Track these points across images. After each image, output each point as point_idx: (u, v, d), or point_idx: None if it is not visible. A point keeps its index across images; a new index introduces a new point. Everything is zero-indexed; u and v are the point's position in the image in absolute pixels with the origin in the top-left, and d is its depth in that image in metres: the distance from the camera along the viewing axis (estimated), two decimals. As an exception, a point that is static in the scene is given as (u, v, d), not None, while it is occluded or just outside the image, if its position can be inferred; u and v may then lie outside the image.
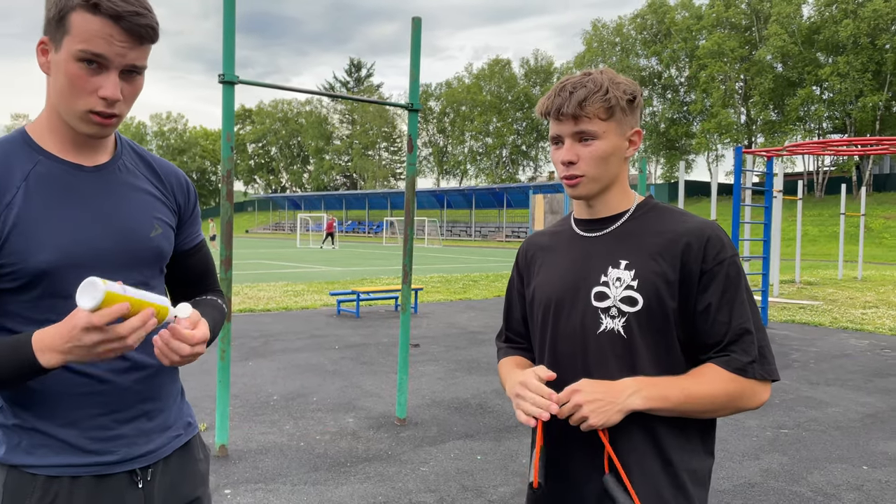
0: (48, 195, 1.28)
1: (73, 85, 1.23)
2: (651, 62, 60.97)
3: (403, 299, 5.40)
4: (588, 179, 1.46)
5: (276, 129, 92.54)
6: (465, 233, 59.55)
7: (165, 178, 1.49)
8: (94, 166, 1.35)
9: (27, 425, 1.30)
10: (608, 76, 1.43)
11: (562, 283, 1.52)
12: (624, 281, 1.43)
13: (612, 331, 1.43)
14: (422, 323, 10.37)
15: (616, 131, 1.43)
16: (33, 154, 1.30)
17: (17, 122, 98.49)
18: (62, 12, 1.21)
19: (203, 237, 1.60)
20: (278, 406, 5.64)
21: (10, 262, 1.23)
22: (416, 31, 5.15)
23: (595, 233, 1.52)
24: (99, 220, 1.32)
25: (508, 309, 1.75)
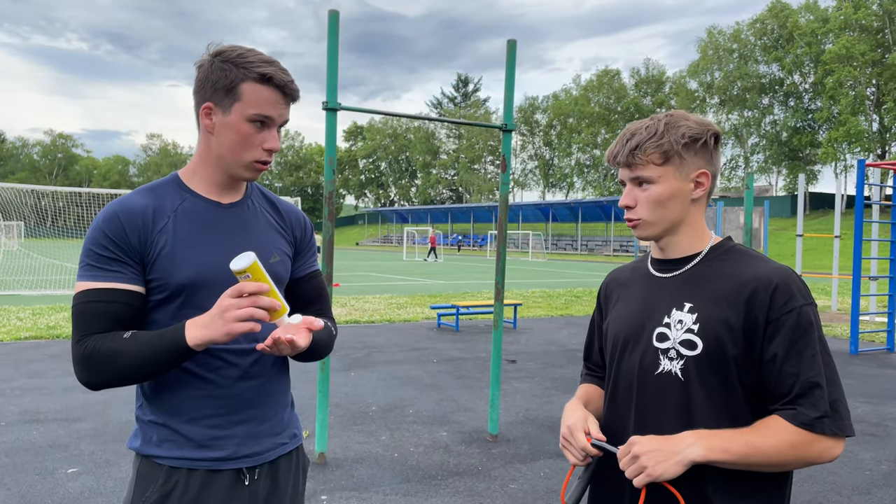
0: (191, 225, 1.55)
1: (244, 141, 1.52)
2: (772, 68, 58.05)
3: (496, 316, 5.47)
4: (645, 223, 1.49)
5: (386, 145, 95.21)
6: (571, 246, 58.75)
7: (286, 215, 1.74)
8: (228, 203, 1.62)
9: (159, 421, 1.55)
10: (670, 120, 1.45)
11: (630, 320, 1.55)
12: (685, 324, 1.43)
13: (670, 373, 1.44)
14: (520, 339, 10.38)
15: (675, 175, 1.45)
16: (182, 192, 1.59)
17: (151, 140, 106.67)
18: (233, 83, 1.49)
19: (318, 268, 1.82)
20: (376, 416, 5.85)
21: (159, 277, 1.50)
22: (511, 53, 5.24)
23: (666, 273, 1.54)
24: (229, 246, 1.57)
25: (590, 339, 1.80)
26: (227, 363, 1.55)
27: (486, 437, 5.34)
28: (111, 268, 1.47)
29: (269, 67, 1.49)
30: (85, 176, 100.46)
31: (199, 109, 1.53)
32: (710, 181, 1.48)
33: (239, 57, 1.49)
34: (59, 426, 5.39)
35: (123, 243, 1.48)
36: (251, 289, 1.34)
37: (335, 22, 4.60)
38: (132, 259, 1.49)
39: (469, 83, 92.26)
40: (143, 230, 1.50)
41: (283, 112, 1.53)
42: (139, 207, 1.52)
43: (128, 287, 1.48)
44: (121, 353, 1.41)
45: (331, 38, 4.59)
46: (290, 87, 1.52)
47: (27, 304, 13.42)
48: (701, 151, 1.46)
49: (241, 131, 1.50)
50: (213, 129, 1.53)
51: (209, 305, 1.50)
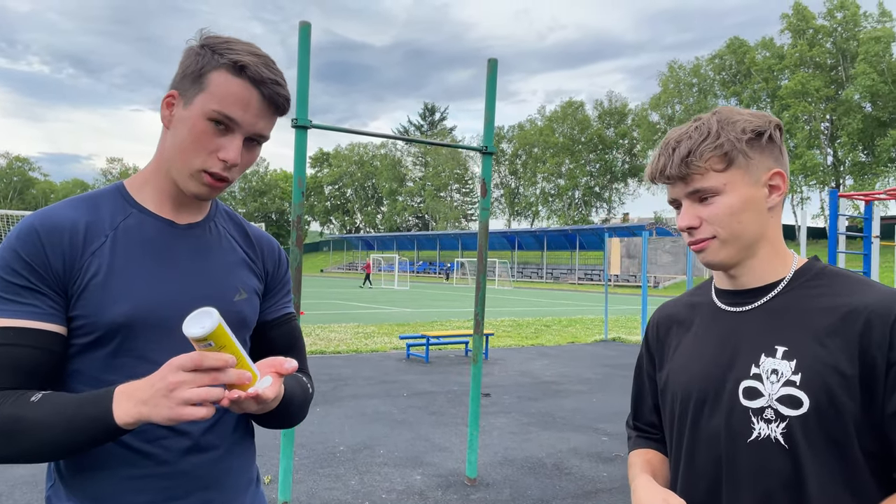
0: (134, 248, 1.21)
1: (196, 141, 1.17)
2: (730, 103, 59.52)
3: (475, 349, 5.14)
4: (720, 241, 1.17)
5: (352, 172, 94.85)
6: (537, 274, 58.86)
7: (257, 243, 1.40)
8: (185, 224, 1.28)
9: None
10: (721, 116, 1.17)
11: (702, 372, 1.22)
12: (782, 374, 1.11)
13: (769, 439, 1.12)
14: (493, 370, 10.05)
15: (744, 180, 1.15)
16: (126, 206, 1.24)
17: (112, 165, 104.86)
18: (203, 69, 1.16)
19: (293, 310, 1.45)
20: (344, 458, 5.43)
21: (86, 314, 1.14)
22: (491, 73, 5.00)
23: (741, 307, 1.21)
24: (181, 278, 1.23)
25: (638, 395, 1.47)
26: (172, 431, 1.18)
27: (464, 480, 4.96)
28: (22, 299, 1.10)
29: (248, 57, 1.15)
30: (41, 200, 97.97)
31: (163, 99, 1.20)
32: (787, 180, 1.19)
33: (223, 43, 1.17)
34: (-9, 472, 4.87)
35: (42, 268, 1.12)
36: (212, 363, 0.98)
37: (306, 35, 4.31)
38: (52, 289, 1.12)
39: (436, 112, 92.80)
40: (71, 252, 1.14)
41: (258, 120, 1.18)
42: (67, 222, 1.16)
43: (42, 326, 1.10)
44: (24, 423, 1.03)
45: (301, 51, 4.29)
46: (272, 87, 1.16)
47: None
48: (768, 147, 1.17)
49: (195, 128, 1.15)
50: (170, 122, 1.20)
51: (150, 354, 1.15)
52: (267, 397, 1.06)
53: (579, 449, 5.88)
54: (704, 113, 1.21)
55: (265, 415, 1.23)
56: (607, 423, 6.84)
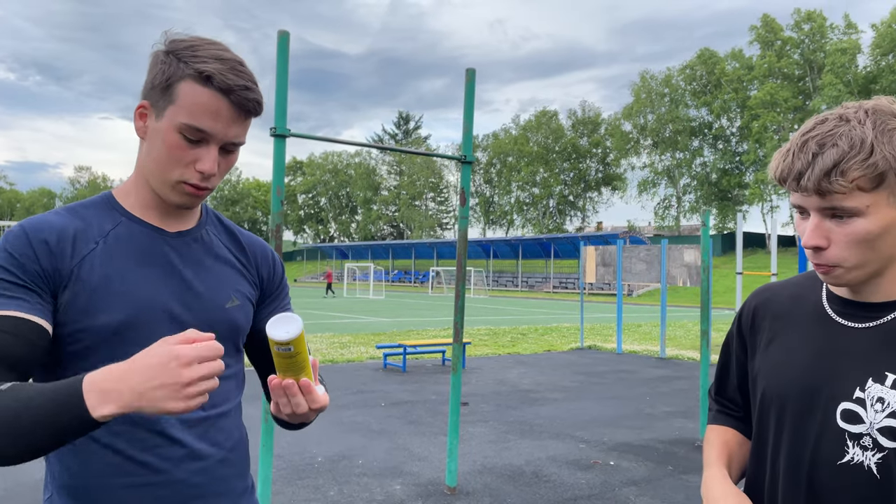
0: (124, 255, 1.20)
1: (171, 155, 1.17)
2: (701, 112, 60.48)
3: (455, 359, 5.15)
4: (847, 270, 1.06)
5: (326, 181, 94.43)
6: (512, 283, 59.06)
7: (249, 249, 1.39)
8: (175, 232, 1.28)
9: None
10: (877, 120, 1.00)
11: (798, 380, 1.14)
12: (889, 404, 1.04)
13: (861, 466, 1.05)
14: (470, 379, 10.05)
15: (888, 201, 1.01)
16: (116, 215, 1.24)
17: (80, 174, 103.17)
18: (170, 80, 1.15)
19: None
20: (322, 469, 5.39)
21: (76, 320, 1.13)
22: (469, 83, 5.03)
23: (856, 322, 1.11)
24: (174, 285, 1.23)
25: (724, 370, 1.39)
26: (167, 440, 1.17)
27: (444, 489, 4.95)
28: (10, 294, 1.07)
29: (213, 64, 1.13)
30: (6, 209, 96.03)
31: (135, 109, 1.20)
32: None
33: (187, 49, 1.15)
34: (-42, 488, 4.74)
35: (30, 265, 1.10)
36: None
37: (285, 44, 4.30)
38: (39, 287, 1.10)
39: (410, 121, 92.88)
40: (60, 256, 1.13)
41: (230, 128, 1.16)
42: (57, 227, 1.16)
43: (28, 317, 1.06)
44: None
45: (280, 60, 4.28)
46: (241, 93, 1.15)
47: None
48: None
49: (168, 141, 1.15)
50: (144, 134, 1.20)
51: None
52: (318, 398, 1.11)
53: (557, 456, 5.90)
54: (851, 101, 1.06)
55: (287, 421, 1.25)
56: (584, 431, 6.88)
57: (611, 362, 12.29)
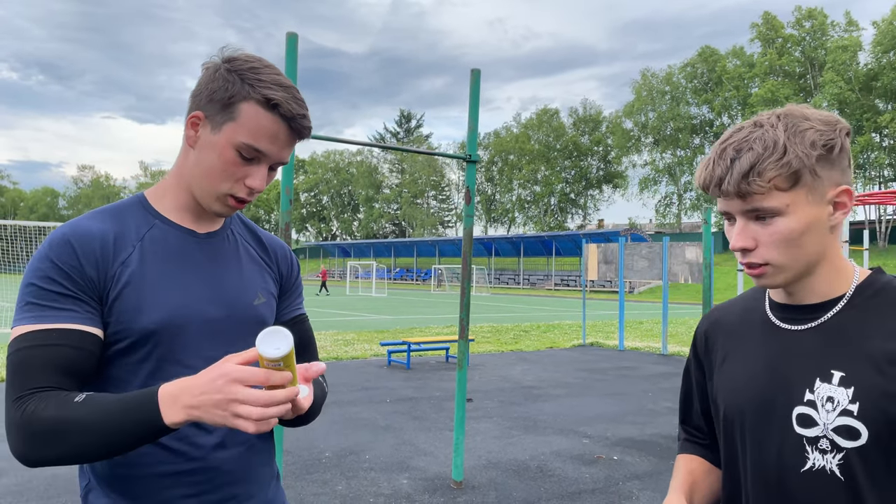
0: (161, 257, 1.27)
1: (225, 169, 1.23)
2: (702, 110, 60.53)
3: (460, 355, 5.23)
4: (775, 269, 1.08)
5: (328, 179, 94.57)
6: (514, 280, 59.13)
7: (270, 247, 1.47)
8: (205, 233, 1.35)
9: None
10: (789, 123, 1.04)
11: (752, 392, 1.15)
12: (839, 403, 1.04)
13: (824, 470, 1.05)
14: (473, 375, 10.14)
15: (808, 199, 1.04)
16: (150, 217, 1.30)
17: (83, 172, 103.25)
18: (233, 98, 1.20)
19: (305, 311, 1.52)
20: (330, 464, 5.48)
21: (119, 321, 1.20)
22: (474, 83, 5.10)
23: (796, 325, 1.13)
24: (206, 284, 1.30)
25: (686, 398, 1.40)
26: (200, 429, 1.25)
27: (450, 483, 5.04)
28: (60, 305, 1.14)
29: (279, 92, 1.19)
30: (10, 208, 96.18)
31: (187, 117, 1.25)
32: (852, 199, 1.08)
33: (250, 70, 1.21)
34: (-26, 483, 4.83)
35: (77, 274, 1.16)
36: (279, 381, 1.02)
37: (293, 45, 4.37)
38: (87, 295, 1.17)
39: (412, 119, 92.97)
40: (103, 260, 1.19)
41: (283, 150, 1.24)
42: (97, 232, 1.22)
43: (82, 328, 1.15)
44: (71, 425, 1.05)
45: (289, 62, 4.35)
46: (300, 121, 1.22)
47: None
48: (837, 161, 1.05)
49: (223, 156, 1.21)
50: (195, 142, 1.25)
51: (180, 357, 1.22)
52: (303, 407, 1.12)
53: (561, 452, 5.98)
54: (764, 111, 1.10)
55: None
56: (587, 427, 6.96)
57: (613, 359, 12.37)
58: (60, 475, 5.03)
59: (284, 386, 1.04)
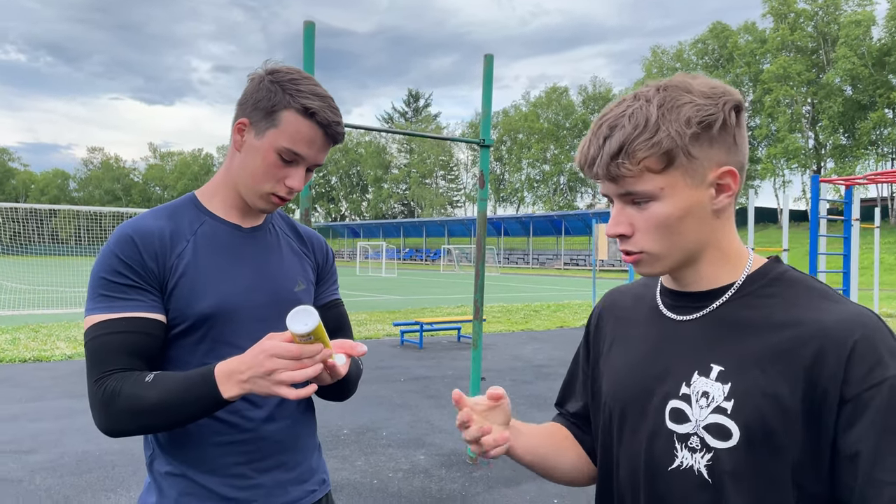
0: (211, 250, 1.42)
1: (267, 171, 1.37)
2: (713, 87, 59.96)
3: (475, 335, 5.36)
4: (651, 258, 1.00)
5: (337, 160, 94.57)
6: (523, 260, 59.25)
7: (307, 239, 1.62)
8: (250, 228, 1.49)
9: (177, 472, 1.38)
10: (665, 98, 0.94)
11: (631, 381, 1.08)
12: (713, 399, 0.96)
13: (691, 470, 0.97)
14: (486, 355, 10.29)
15: (684, 182, 0.95)
16: (201, 214, 1.45)
17: (93, 154, 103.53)
18: (275, 107, 1.34)
19: (339, 296, 1.67)
20: (349, 440, 5.65)
21: (177, 307, 1.35)
22: (488, 68, 5.18)
23: (682, 314, 1.05)
24: (252, 274, 1.44)
25: (569, 380, 1.32)
26: (251, 403, 1.39)
27: (466, 459, 5.20)
28: (128, 296, 1.31)
29: (316, 102, 1.34)
30: (22, 190, 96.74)
31: (234, 123, 1.40)
32: (739, 179, 0.98)
33: (290, 81, 1.35)
34: (9, 459, 5.03)
35: (139, 267, 1.33)
36: (310, 353, 1.16)
37: (311, 34, 4.46)
38: (150, 285, 1.34)
39: (420, 98, 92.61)
40: (161, 254, 1.35)
41: (319, 154, 1.39)
42: (155, 229, 1.38)
43: (148, 315, 1.32)
44: (143, 401, 1.23)
45: (307, 49, 4.45)
46: (335, 128, 1.37)
47: (-37, 326, 12.68)
48: (719, 139, 0.95)
49: (266, 160, 1.36)
50: (241, 147, 1.40)
51: (231, 339, 1.37)
52: (340, 372, 1.28)
53: (574, 428, 6.13)
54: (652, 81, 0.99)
55: (329, 389, 1.45)
56: (599, 404, 7.10)
57: (623, 338, 12.47)
58: (90, 452, 5.22)
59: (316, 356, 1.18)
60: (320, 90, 1.36)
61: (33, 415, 6.32)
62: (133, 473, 4.75)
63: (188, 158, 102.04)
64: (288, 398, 1.18)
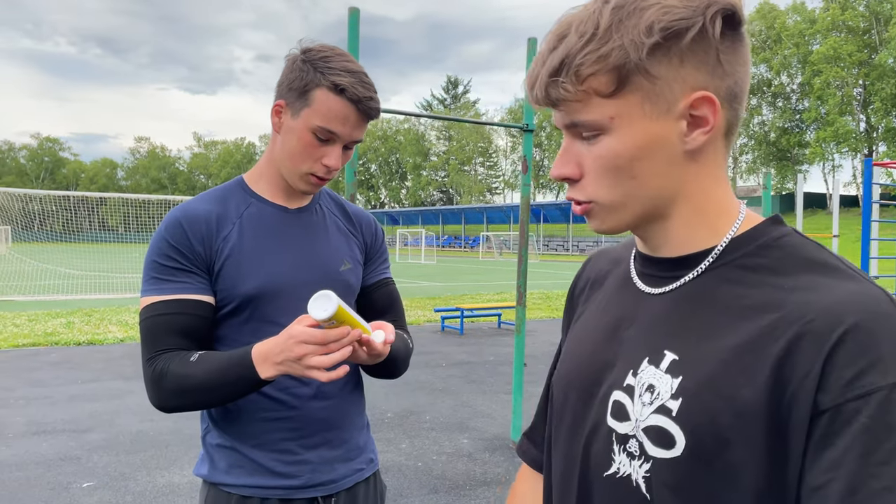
0: (257, 232, 1.45)
1: (303, 151, 1.38)
2: (759, 69, 58.42)
3: (518, 321, 5.37)
4: (604, 209, 0.78)
5: (376, 147, 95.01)
6: (563, 247, 58.86)
7: (356, 218, 1.62)
8: (296, 208, 1.51)
9: (227, 444, 1.44)
10: (623, 3, 0.70)
11: (581, 364, 0.87)
12: (658, 395, 0.74)
13: (629, 479, 0.76)
14: (527, 341, 10.27)
15: (643, 109, 0.72)
16: (247, 197, 1.48)
17: (139, 143, 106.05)
18: (307, 86, 1.35)
19: (390, 275, 1.68)
20: (393, 423, 5.72)
21: (224, 287, 1.39)
22: (531, 52, 5.14)
23: (653, 286, 0.82)
24: (297, 254, 1.46)
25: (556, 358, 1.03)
26: (298, 381, 1.43)
27: (509, 444, 5.23)
28: (177, 278, 1.36)
29: (346, 77, 1.33)
30: (72, 179, 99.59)
31: (273, 106, 1.42)
32: (725, 109, 0.74)
33: (322, 59, 1.35)
34: (68, 437, 5.23)
35: (188, 251, 1.38)
36: (335, 337, 1.19)
37: (355, 20, 4.49)
38: (198, 268, 1.38)
39: (458, 85, 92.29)
40: (208, 237, 1.40)
41: (354, 131, 1.38)
42: (202, 213, 1.42)
43: (196, 297, 1.37)
44: (188, 380, 1.30)
45: (351, 36, 4.48)
46: (367, 103, 1.36)
47: (22, 310, 13.18)
48: (693, 55, 0.71)
49: (302, 140, 1.37)
50: (279, 129, 1.42)
51: (276, 318, 1.39)
52: (379, 350, 1.29)
53: (617, 415, 6.10)
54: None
55: (377, 367, 1.46)
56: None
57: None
58: (143, 431, 5.39)
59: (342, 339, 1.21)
60: (353, 66, 1.35)
61: (90, 395, 6.56)
62: (185, 452, 4.90)
63: (231, 147, 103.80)
64: (321, 381, 1.21)
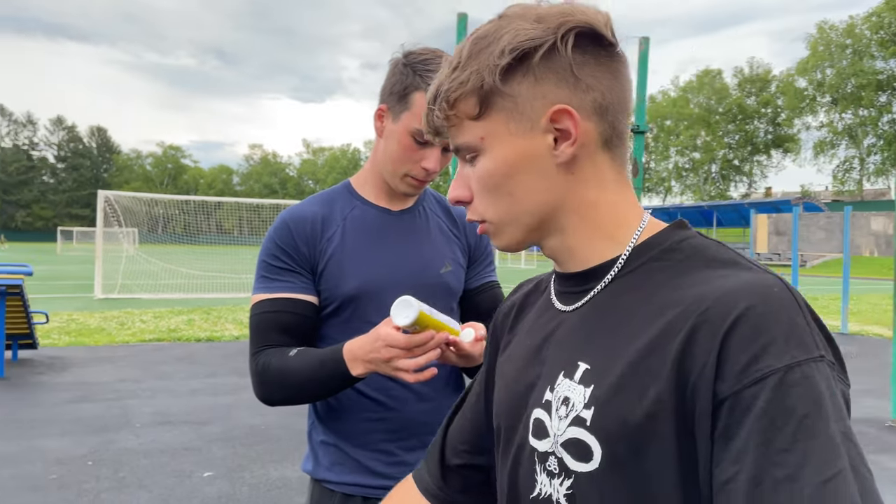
0: (359, 233, 1.48)
1: (403, 154, 1.41)
2: (889, 64, 54.24)
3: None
4: (494, 227, 0.80)
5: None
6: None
7: (460, 220, 1.63)
8: (399, 210, 1.54)
9: (330, 441, 1.48)
10: (489, 31, 0.74)
11: (508, 390, 0.86)
12: (573, 405, 0.71)
13: (549, 500, 0.74)
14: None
15: (510, 129, 0.75)
16: (353, 200, 1.53)
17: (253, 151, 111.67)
18: (407, 89, 1.38)
19: (495, 278, 1.66)
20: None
21: (327, 287, 1.44)
22: (643, 51, 4.98)
23: (567, 303, 0.81)
24: (397, 256, 1.49)
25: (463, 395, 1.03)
26: (398, 383, 1.44)
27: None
28: (283, 278, 1.42)
29: None
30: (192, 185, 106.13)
31: (376, 110, 1.45)
32: (593, 121, 0.74)
33: (422, 62, 1.37)
34: (189, 429, 5.54)
35: (293, 251, 1.43)
36: (419, 342, 1.21)
37: (464, 25, 4.49)
38: (302, 268, 1.43)
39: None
40: (312, 238, 1.45)
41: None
42: (309, 215, 1.47)
43: (298, 296, 1.42)
44: (287, 376, 1.35)
45: (460, 41, 4.50)
46: None
47: (148, 308, 14.14)
48: (546, 72, 0.73)
49: (402, 143, 1.39)
50: (382, 132, 1.45)
51: (376, 319, 1.38)
52: (468, 351, 1.27)
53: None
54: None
55: (474, 369, 1.41)
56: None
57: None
58: (257, 426, 5.63)
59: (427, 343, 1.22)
60: None
61: (209, 390, 6.93)
62: (296, 448, 5.07)
63: (337, 153, 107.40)
64: (409, 382, 1.23)
